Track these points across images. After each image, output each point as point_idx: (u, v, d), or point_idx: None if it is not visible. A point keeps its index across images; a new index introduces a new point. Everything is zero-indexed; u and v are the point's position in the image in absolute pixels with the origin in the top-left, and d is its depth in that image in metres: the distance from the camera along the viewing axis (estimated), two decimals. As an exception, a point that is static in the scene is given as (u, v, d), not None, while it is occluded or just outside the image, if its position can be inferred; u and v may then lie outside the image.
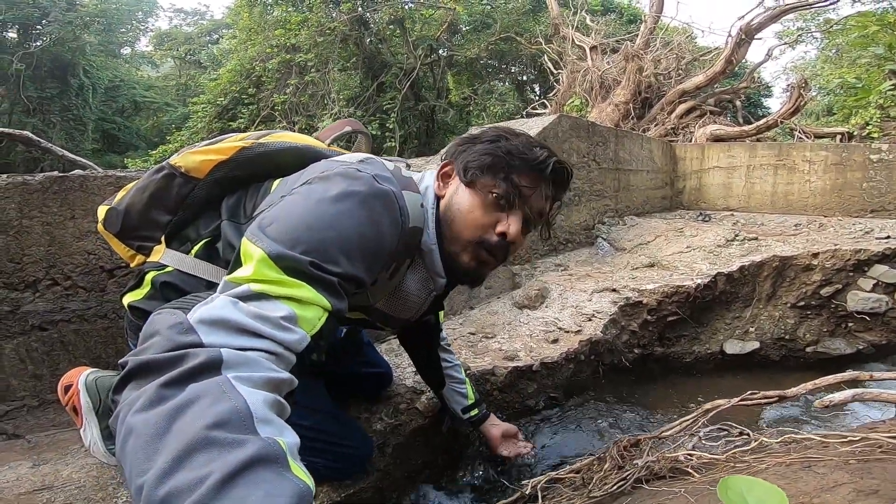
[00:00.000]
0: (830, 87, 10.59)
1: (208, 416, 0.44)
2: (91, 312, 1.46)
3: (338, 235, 0.67)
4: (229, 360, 0.51)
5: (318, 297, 0.63)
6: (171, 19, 26.70)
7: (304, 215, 0.68)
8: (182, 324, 0.54)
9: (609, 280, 2.44)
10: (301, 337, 0.60)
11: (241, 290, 0.59)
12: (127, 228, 0.99)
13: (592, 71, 6.68)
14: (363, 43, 10.90)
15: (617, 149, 3.72)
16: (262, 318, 0.57)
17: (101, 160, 14.96)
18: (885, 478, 0.81)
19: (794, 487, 0.84)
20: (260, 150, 0.94)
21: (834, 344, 2.54)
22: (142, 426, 0.44)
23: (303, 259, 0.62)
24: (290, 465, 0.44)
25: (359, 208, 0.70)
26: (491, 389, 1.64)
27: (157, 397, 0.46)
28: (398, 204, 0.75)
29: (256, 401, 0.48)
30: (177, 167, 0.94)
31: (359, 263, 0.69)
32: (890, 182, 4.05)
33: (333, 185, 0.72)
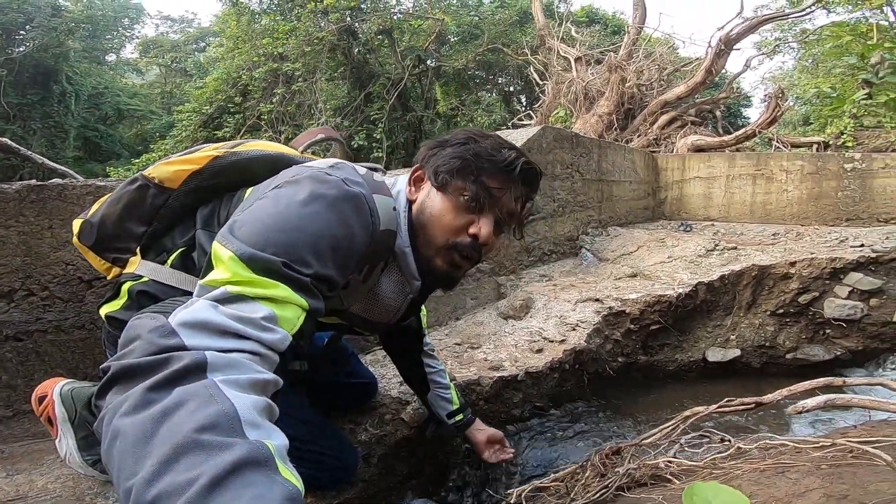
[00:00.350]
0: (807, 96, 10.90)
1: (196, 420, 0.44)
2: (68, 323, 1.44)
3: (308, 237, 0.67)
4: (214, 363, 0.51)
5: (295, 296, 0.63)
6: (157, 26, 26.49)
7: (273, 218, 0.68)
8: (164, 327, 0.54)
9: (593, 290, 2.48)
10: (283, 336, 0.60)
11: (219, 293, 0.59)
12: (102, 240, 0.98)
13: (577, 82, 6.78)
14: (351, 53, 10.93)
15: (600, 160, 3.77)
16: (244, 320, 0.57)
17: (83, 168, 14.69)
18: (854, 483, 0.83)
19: (767, 493, 0.86)
20: (232, 160, 0.95)
21: (813, 350, 2.60)
22: (129, 429, 0.44)
23: (274, 259, 0.63)
24: (278, 468, 0.45)
25: (328, 210, 0.71)
26: (477, 399, 1.64)
27: (143, 400, 0.46)
28: (368, 206, 0.76)
29: (244, 404, 0.48)
30: (150, 178, 0.94)
31: (330, 264, 0.69)
32: (863, 191, 4.16)
33: (303, 188, 0.73)
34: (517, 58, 10.12)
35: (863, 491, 0.80)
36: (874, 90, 6.37)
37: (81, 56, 17.19)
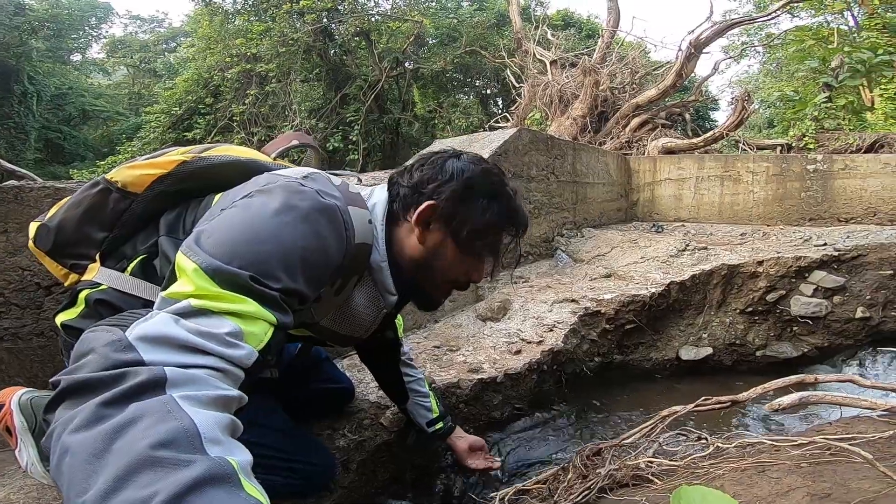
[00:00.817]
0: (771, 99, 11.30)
1: (152, 436, 0.42)
2: (26, 331, 1.38)
3: (278, 249, 0.65)
4: (173, 379, 0.49)
5: (262, 311, 0.61)
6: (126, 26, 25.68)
7: (242, 228, 0.66)
8: (120, 341, 0.52)
9: (568, 291, 2.50)
10: (248, 352, 0.58)
11: (182, 306, 0.57)
12: (59, 246, 0.94)
13: (552, 85, 6.86)
14: (327, 54, 10.83)
15: (575, 162, 3.82)
16: (206, 335, 0.55)
17: (44, 171, 14.15)
18: (835, 481, 0.85)
19: (750, 493, 0.87)
20: (201, 165, 0.91)
21: (781, 348, 2.68)
22: (79, 445, 0.43)
23: (242, 273, 0.61)
24: (242, 484, 0.43)
25: (301, 222, 0.69)
26: (457, 402, 1.64)
27: (96, 416, 0.44)
28: (343, 218, 0.74)
29: (204, 420, 0.46)
30: (113, 182, 0.90)
31: (301, 279, 0.67)
32: (825, 191, 4.32)
33: (274, 197, 0.70)
34: (494, 61, 10.20)
35: (845, 489, 0.81)
36: (834, 93, 6.64)
37: (45, 55, 16.59)
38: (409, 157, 3.58)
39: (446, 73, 12.45)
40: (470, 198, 0.87)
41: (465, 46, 11.65)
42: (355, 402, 1.46)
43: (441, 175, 0.87)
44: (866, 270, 2.73)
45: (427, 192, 0.87)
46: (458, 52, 11.72)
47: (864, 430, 1.09)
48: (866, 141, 5.58)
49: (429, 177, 0.88)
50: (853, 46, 7.11)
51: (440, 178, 0.87)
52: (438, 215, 0.87)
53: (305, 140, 1.14)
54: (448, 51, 11.99)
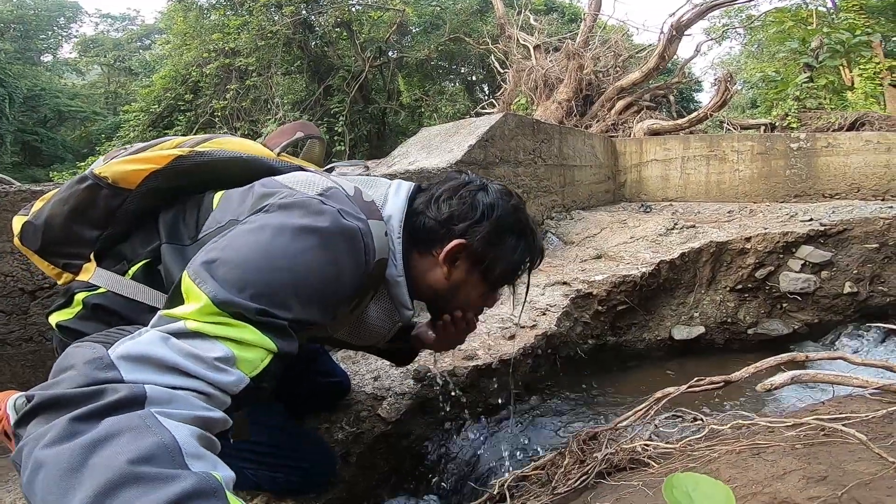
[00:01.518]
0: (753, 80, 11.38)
1: (131, 451, 0.41)
2: (14, 336, 1.36)
3: (293, 279, 0.63)
4: (154, 397, 0.48)
5: (263, 339, 0.59)
6: (97, 25, 25.03)
7: (255, 252, 0.63)
8: (101, 359, 0.50)
9: (560, 273, 2.51)
10: (237, 378, 0.57)
11: (176, 327, 0.56)
12: (49, 244, 0.88)
13: (536, 69, 6.83)
14: (308, 46, 10.66)
15: (561, 145, 3.82)
16: (194, 357, 0.53)
17: (23, 174, 13.84)
18: (830, 463, 0.85)
19: (745, 476, 0.87)
20: (199, 160, 0.86)
21: (772, 325, 2.72)
22: (53, 460, 0.41)
23: (250, 306, 0.59)
24: (228, 499, 0.43)
25: (320, 248, 0.65)
26: (453, 389, 1.63)
27: (68, 431, 0.43)
28: (364, 242, 0.71)
29: (184, 435, 0.46)
30: (102, 177, 0.84)
31: (315, 309, 0.65)
32: (809, 168, 4.38)
33: (293, 217, 0.67)
34: (479, 47, 10.13)
35: (841, 472, 0.82)
36: (815, 73, 6.71)
37: (13, 57, 16.19)
38: (396, 146, 3.54)
39: (431, 60, 12.33)
40: (501, 239, 0.87)
41: (448, 34, 11.54)
42: (352, 395, 1.45)
43: (471, 212, 0.85)
44: (852, 244, 2.77)
45: (457, 230, 0.85)
46: (442, 39, 11.62)
47: (858, 409, 1.09)
48: (848, 119, 5.66)
49: (458, 213, 0.85)
50: (832, 27, 7.18)
51: (470, 215, 0.85)
52: (468, 254, 0.86)
53: (310, 131, 1.07)
54: (432, 38, 11.88)
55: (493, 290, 0.93)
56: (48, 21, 18.78)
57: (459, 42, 11.67)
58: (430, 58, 11.96)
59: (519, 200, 0.92)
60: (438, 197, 0.87)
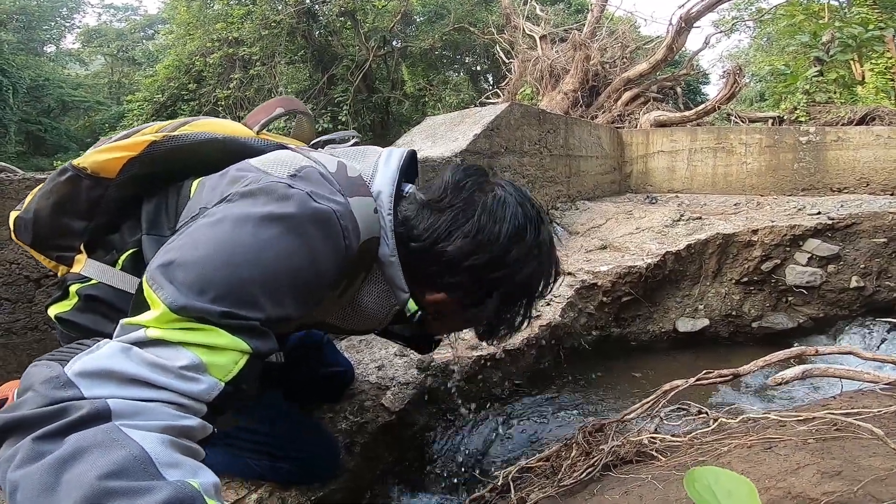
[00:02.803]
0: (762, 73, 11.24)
1: (101, 467, 0.40)
2: (19, 325, 1.35)
3: (260, 274, 0.57)
4: (118, 411, 0.46)
5: (234, 340, 0.55)
6: (99, 15, 24.96)
7: (216, 249, 0.57)
8: (58, 378, 0.48)
9: (564, 263, 2.49)
10: (210, 386, 0.53)
11: (137, 336, 0.52)
12: (39, 237, 0.87)
13: (542, 60, 6.76)
14: (312, 35, 10.59)
15: (567, 136, 3.79)
16: (158, 368, 0.50)
17: (28, 164, 13.88)
18: (844, 458, 0.84)
19: (759, 471, 0.86)
20: (173, 145, 0.82)
21: (777, 319, 2.69)
22: (26, 482, 0.41)
23: (213, 310, 0.54)
24: None
25: (288, 237, 0.60)
26: (457, 381, 1.63)
27: (33, 453, 0.42)
28: (341, 225, 0.65)
29: (153, 444, 0.44)
30: (81, 168, 0.82)
31: (289, 303, 0.60)
32: (818, 162, 4.33)
33: (256, 206, 0.61)
34: (483, 37, 10.03)
35: (855, 467, 0.80)
36: (825, 67, 6.62)
37: (17, 48, 16.17)
38: (399, 135, 3.51)
39: (435, 50, 12.24)
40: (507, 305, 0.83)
41: (453, 23, 11.45)
42: (356, 384, 1.45)
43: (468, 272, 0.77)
44: (860, 238, 2.74)
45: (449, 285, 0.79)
46: (446, 29, 11.52)
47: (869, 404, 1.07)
48: (857, 114, 5.58)
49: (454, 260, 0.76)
50: (844, 21, 7.06)
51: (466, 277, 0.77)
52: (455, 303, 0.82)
53: (293, 106, 1.00)
54: (436, 28, 11.78)
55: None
56: (51, 12, 18.74)
57: (464, 32, 11.57)
58: (434, 47, 11.87)
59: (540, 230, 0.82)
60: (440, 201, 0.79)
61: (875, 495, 0.72)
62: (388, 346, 1.69)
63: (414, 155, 0.89)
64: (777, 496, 0.78)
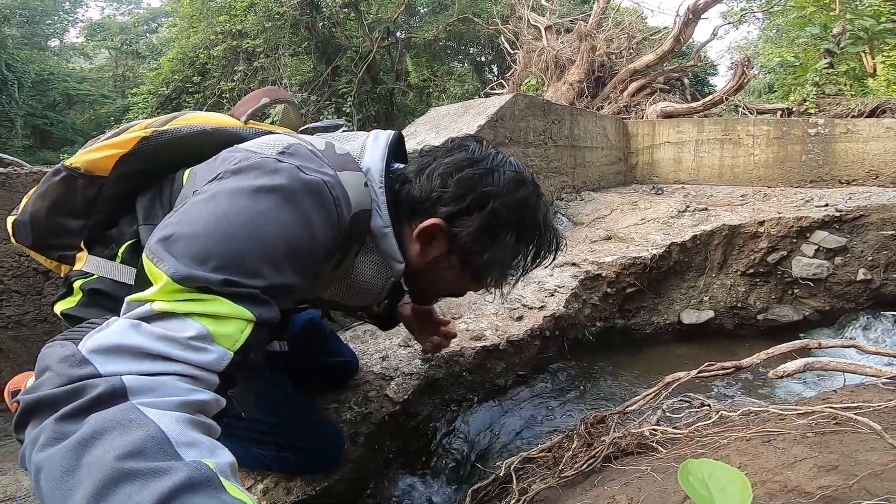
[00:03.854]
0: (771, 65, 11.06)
1: (119, 448, 0.41)
2: (29, 317, 1.37)
3: (258, 243, 0.59)
4: (134, 387, 0.46)
5: (238, 309, 0.56)
6: (102, 9, 24.93)
7: (214, 221, 0.59)
8: (73, 356, 0.49)
9: (569, 254, 2.49)
10: (219, 355, 0.54)
11: (143, 311, 0.53)
12: (39, 239, 0.88)
13: (547, 50, 6.70)
14: (315, 27, 10.54)
15: (572, 126, 3.77)
16: (169, 340, 0.51)
17: (34, 157, 13.96)
18: (842, 452, 0.83)
19: (756, 464, 0.86)
20: (163, 139, 0.83)
21: (782, 311, 2.68)
22: (49, 464, 0.42)
23: (214, 278, 0.55)
24: (224, 487, 0.42)
25: (282, 206, 0.62)
26: (460, 371, 1.63)
27: (55, 434, 0.43)
28: (332, 195, 0.67)
29: (170, 424, 0.44)
30: (74, 168, 0.83)
31: (288, 271, 0.61)
32: (826, 154, 4.28)
33: (248, 180, 0.63)
34: (488, 27, 9.95)
35: (852, 461, 0.80)
36: (835, 59, 6.51)
37: (21, 42, 16.21)
38: (404, 126, 3.50)
39: (439, 41, 12.15)
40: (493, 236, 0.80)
41: (457, 14, 11.35)
42: (360, 375, 1.45)
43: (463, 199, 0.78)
44: (868, 231, 2.71)
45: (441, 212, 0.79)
46: (450, 19, 11.42)
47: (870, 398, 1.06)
48: (868, 106, 5.51)
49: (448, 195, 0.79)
50: (856, 14, 6.94)
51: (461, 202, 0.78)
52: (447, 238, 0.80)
53: (278, 95, 1.01)
54: (440, 19, 11.68)
55: (478, 280, 0.86)
56: (53, 6, 18.77)
57: (468, 22, 11.47)
58: (438, 38, 11.78)
59: (533, 190, 0.84)
60: (436, 169, 0.81)
61: (870, 490, 0.71)
62: (393, 337, 1.70)
63: (401, 137, 0.90)
64: (773, 489, 0.78)
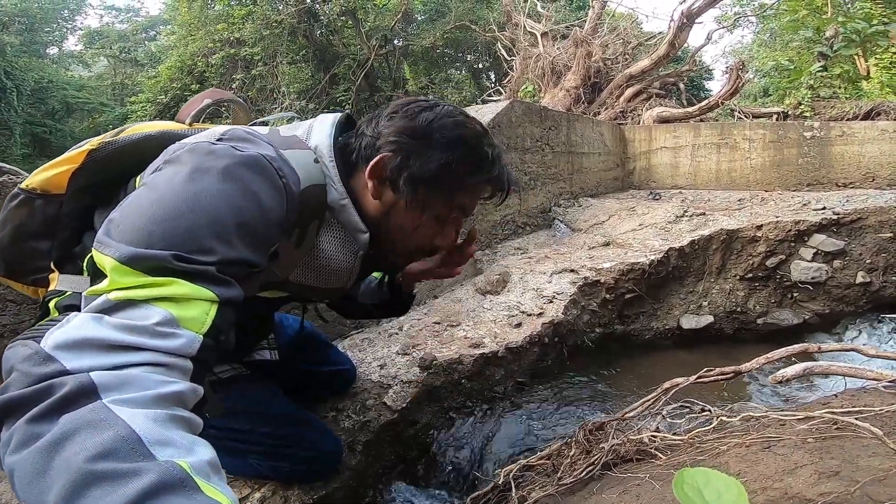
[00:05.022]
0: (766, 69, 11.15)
1: (89, 449, 0.40)
2: (25, 326, 1.35)
3: (202, 217, 0.57)
4: (103, 383, 0.45)
5: (197, 289, 0.54)
6: (101, 17, 25.04)
7: (155, 205, 0.58)
8: (37, 354, 0.47)
9: (567, 261, 2.48)
10: (189, 339, 0.52)
11: (101, 302, 0.51)
12: (11, 265, 0.87)
13: (544, 57, 6.74)
14: (313, 35, 10.61)
15: (569, 133, 3.78)
16: (132, 329, 0.49)
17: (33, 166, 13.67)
18: (843, 458, 0.82)
19: (755, 470, 0.84)
20: (111, 149, 0.83)
21: (782, 315, 2.67)
22: (20, 467, 0.41)
23: (164, 255, 0.53)
24: (198, 487, 0.41)
25: (222, 181, 0.61)
26: (459, 378, 1.63)
27: (28, 435, 0.42)
28: (273, 166, 0.66)
29: (143, 422, 0.43)
30: (31, 189, 0.83)
31: (239, 244, 0.60)
32: (822, 157, 4.30)
33: (183, 164, 0.62)
34: (485, 35, 10.02)
35: (854, 467, 0.78)
36: (829, 62, 6.57)
37: (19, 50, 16.23)
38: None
39: (437, 48, 12.24)
40: (425, 147, 0.78)
41: (454, 21, 11.44)
42: (358, 383, 1.44)
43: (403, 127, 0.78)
44: (866, 233, 2.71)
45: (384, 143, 0.78)
46: (447, 27, 11.52)
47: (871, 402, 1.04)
48: (863, 109, 5.55)
49: (390, 128, 0.78)
50: (848, 17, 7.01)
51: (396, 125, 0.78)
52: (393, 169, 0.78)
53: (221, 96, 1.00)
54: (437, 26, 11.77)
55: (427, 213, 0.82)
56: (52, 14, 18.84)
57: (465, 30, 11.56)
58: (435, 45, 11.87)
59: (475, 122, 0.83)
60: (380, 115, 0.82)
61: (872, 496, 0.70)
62: (391, 345, 1.69)
63: (349, 117, 0.89)
64: (773, 497, 0.76)
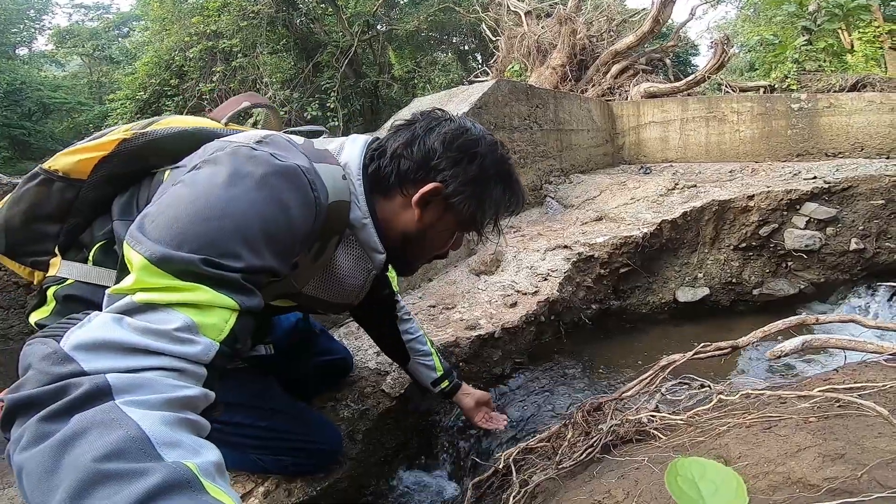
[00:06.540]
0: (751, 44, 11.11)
1: (98, 448, 0.40)
2: (15, 331, 1.33)
3: (234, 224, 0.58)
4: (118, 385, 0.45)
5: (220, 297, 0.55)
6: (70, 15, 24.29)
7: (190, 206, 0.58)
8: (56, 353, 0.47)
9: (560, 237, 2.46)
10: (206, 346, 0.53)
11: (124, 304, 0.52)
12: (13, 246, 0.87)
13: (529, 36, 6.65)
14: (293, 24, 10.37)
15: (557, 110, 3.74)
16: (152, 333, 0.50)
17: (15, 169, 13.68)
18: (848, 439, 0.78)
19: (757, 453, 0.82)
20: (144, 141, 0.83)
21: (777, 285, 2.67)
22: (30, 464, 0.41)
23: (192, 258, 0.54)
24: (204, 488, 0.41)
25: (257, 189, 0.61)
26: (456, 361, 1.61)
27: (39, 433, 0.42)
28: (306, 178, 0.67)
29: (152, 424, 0.43)
30: (53, 171, 0.82)
31: (267, 253, 0.61)
32: (811, 128, 4.30)
33: (223, 167, 0.63)
34: (469, 16, 9.88)
35: (860, 449, 0.75)
36: (813, 36, 6.54)
37: (-13, 53, 15.74)
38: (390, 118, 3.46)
39: (421, 32, 12.04)
40: (484, 186, 0.84)
41: (438, 4, 11.25)
42: (355, 371, 1.43)
43: (449, 153, 0.81)
44: (858, 201, 2.71)
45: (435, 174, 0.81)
46: (431, 10, 11.34)
47: (874, 378, 1.01)
48: (849, 81, 5.55)
49: (440, 155, 0.81)
50: (829, -10, 6.96)
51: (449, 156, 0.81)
52: (444, 196, 0.82)
53: (258, 100, 1.03)
54: (421, 9, 11.60)
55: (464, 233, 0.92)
56: (17, 14, 18.31)
57: (449, 11, 11.38)
58: (420, 29, 11.67)
59: (505, 151, 0.89)
60: (428, 140, 0.82)
61: (880, 481, 0.65)
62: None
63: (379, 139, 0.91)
64: (776, 482, 0.73)
